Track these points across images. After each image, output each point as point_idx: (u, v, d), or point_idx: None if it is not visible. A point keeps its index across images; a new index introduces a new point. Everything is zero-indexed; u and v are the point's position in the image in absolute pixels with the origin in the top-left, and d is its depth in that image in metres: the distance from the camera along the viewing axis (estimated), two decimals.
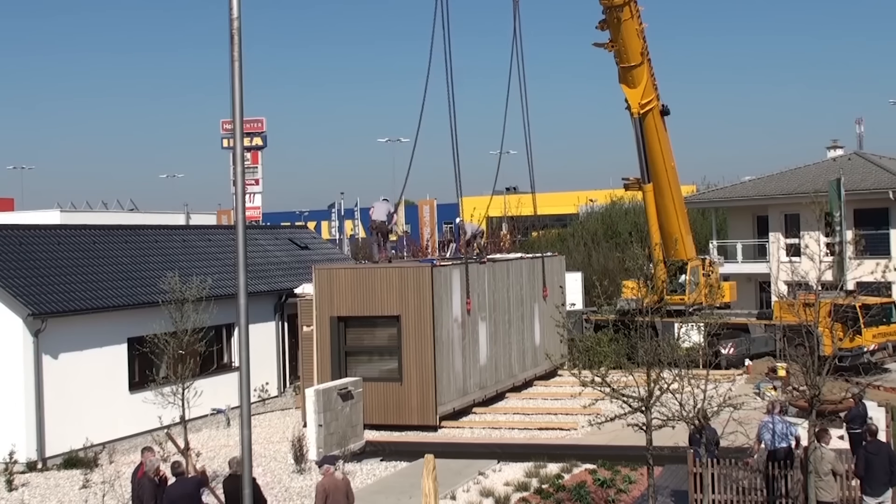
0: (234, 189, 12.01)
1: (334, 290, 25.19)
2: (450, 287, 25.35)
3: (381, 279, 24.92)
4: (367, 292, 24.96)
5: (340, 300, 25.16)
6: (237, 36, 10.83)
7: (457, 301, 25.67)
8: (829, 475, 15.47)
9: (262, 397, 29.95)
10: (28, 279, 23.91)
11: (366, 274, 25.25)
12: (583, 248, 50.32)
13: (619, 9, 30.98)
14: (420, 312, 24.44)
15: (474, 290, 26.81)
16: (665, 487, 18.44)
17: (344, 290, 25.16)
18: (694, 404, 15.62)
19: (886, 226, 40.40)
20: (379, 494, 18.66)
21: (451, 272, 25.58)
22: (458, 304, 25.71)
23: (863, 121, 56.95)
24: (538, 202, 34.30)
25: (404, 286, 24.65)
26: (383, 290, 24.84)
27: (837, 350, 17.97)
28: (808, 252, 17.10)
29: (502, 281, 28.74)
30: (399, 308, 24.63)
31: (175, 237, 31.92)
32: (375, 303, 24.93)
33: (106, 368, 24.77)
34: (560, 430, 24.19)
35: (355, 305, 25.09)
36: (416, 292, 24.50)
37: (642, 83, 32.43)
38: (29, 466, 22.48)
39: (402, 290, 24.64)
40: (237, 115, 10.93)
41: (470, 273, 26.52)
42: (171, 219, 45.74)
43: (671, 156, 34.45)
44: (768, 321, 33.72)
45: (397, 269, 25.16)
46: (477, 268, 27.24)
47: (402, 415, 24.49)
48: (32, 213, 41.45)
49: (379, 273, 25.13)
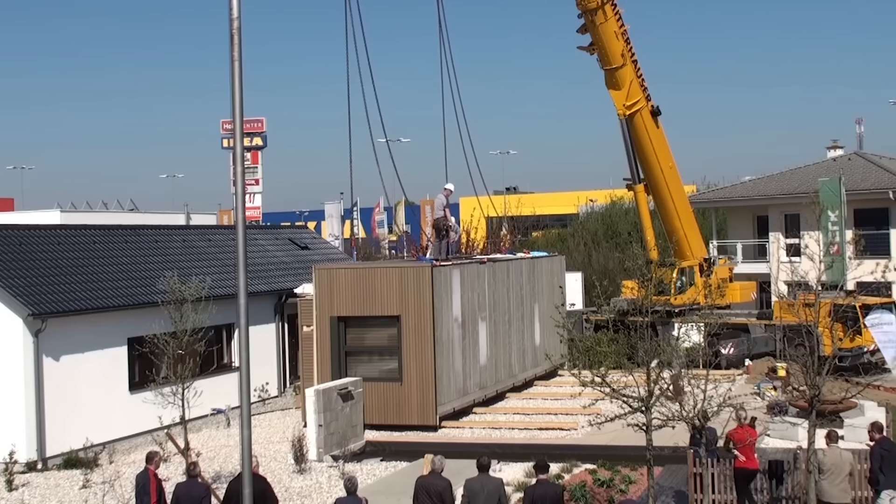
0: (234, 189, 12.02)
1: (334, 290, 25.18)
2: (450, 287, 25.33)
3: (382, 279, 24.90)
4: (368, 292, 24.93)
5: (340, 300, 25.14)
6: (237, 36, 10.83)
7: (457, 301, 25.66)
8: (846, 477, 15.36)
9: (263, 397, 29.95)
10: (28, 279, 23.90)
11: (366, 274, 25.24)
12: (583, 248, 50.34)
13: (593, 12, 31.12)
14: (420, 312, 24.41)
15: (474, 290, 26.78)
16: (665, 488, 18.44)
17: (344, 290, 25.14)
18: (694, 404, 15.62)
19: (886, 226, 40.41)
20: (379, 494, 18.65)
21: (452, 272, 25.57)
22: (458, 303, 25.70)
23: (863, 121, 57.03)
24: (538, 202, 34.32)
25: (404, 286, 24.61)
26: (383, 290, 24.82)
27: (837, 350, 17.97)
28: (808, 252, 17.07)
29: (502, 281, 28.72)
30: (399, 308, 24.60)
31: (175, 237, 31.92)
32: (376, 303, 24.91)
33: (106, 368, 24.77)
34: (560, 430, 24.20)
35: (355, 305, 25.07)
36: (416, 292, 24.47)
37: (626, 85, 32.54)
38: (29, 466, 22.47)
39: (403, 289, 24.61)
40: (237, 116, 10.93)
41: (470, 273, 26.50)
42: (171, 219, 45.70)
43: (668, 155, 34.44)
44: (768, 321, 33.72)
45: (397, 269, 25.15)
46: (477, 268, 27.23)
47: (403, 415, 24.49)
48: (32, 213, 41.43)
49: (379, 273, 25.12)
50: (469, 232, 41.54)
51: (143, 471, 15.18)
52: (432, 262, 25.58)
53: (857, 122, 56.16)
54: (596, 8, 31.01)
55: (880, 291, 32.55)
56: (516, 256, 32.11)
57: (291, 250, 36.22)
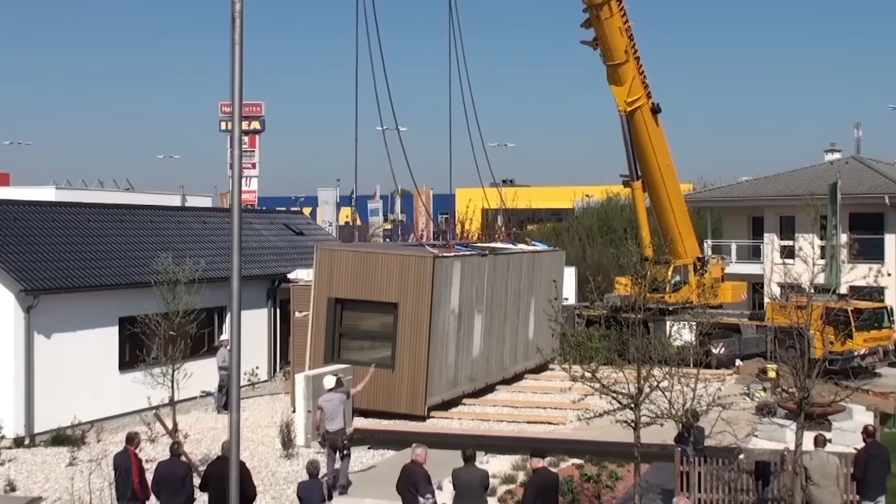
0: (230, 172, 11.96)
1: (334, 271, 24.88)
2: (450, 279, 25.13)
3: (383, 265, 24.57)
4: (368, 277, 24.64)
5: (339, 282, 24.84)
6: (238, 19, 10.77)
7: (455, 293, 25.46)
8: (834, 481, 15.36)
9: (252, 381, 29.95)
10: (21, 255, 23.84)
11: (367, 258, 24.91)
12: (577, 243, 50.31)
13: (598, 7, 31.08)
14: (418, 302, 24.17)
15: (473, 283, 26.53)
16: (652, 485, 18.47)
17: (344, 272, 24.83)
18: (683, 402, 15.65)
19: (881, 230, 40.44)
20: (365, 482, 18.67)
21: (453, 264, 25.33)
22: (456, 296, 25.50)
23: (861, 125, 57.01)
24: (534, 196, 34.28)
25: (405, 274, 24.32)
26: (383, 276, 24.53)
27: (828, 353, 17.99)
28: (802, 254, 17.09)
29: (502, 274, 28.51)
30: (398, 296, 24.32)
31: (170, 218, 31.85)
32: (374, 288, 24.61)
33: (96, 347, 24.74)
34: (549, 423, 24.19)
35: (354, 288, 24.78)
36: (416, 282, 24.20)
37: (628, 81, 32.53)
38: (16, 442, 22.46)
39: (403, 278, 24.32)
40: (236, 99, 10.87)
41: (471, 265, 26.25)
42: (166, 200, 45.60)
43: (666, 154, 34.44)
44: (760, 322, 33.76)
45: (399, 257, 24.75)
46: (478, 260, 26.97)
47: (392, 402, 24.39)
48: (28, 188, 41.26)
49: (381, 259, 24.78)
50: (464, 223, 41.56)
51: (123, 451, 15.16)
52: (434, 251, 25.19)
53: (856, 126, 56.16)
54: (601, 3, 30.97)
55: (872, 296, 32.59)
56: (517, 248, 31.88)
57: (286, 235, 36.19)
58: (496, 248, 30.06)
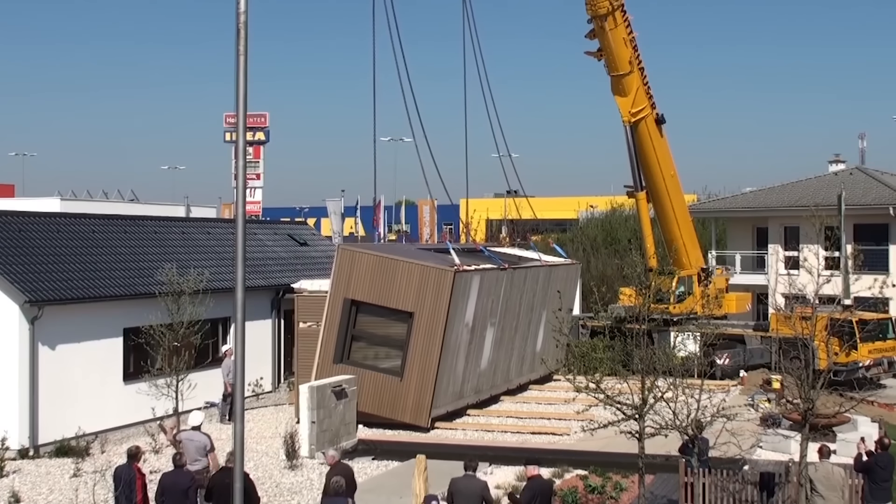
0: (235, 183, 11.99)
1: (353, 273, 24.70)
2: (468, 293, 24.87)
3: (402, 273, 24.33)
4: (386, 282, 24.41)
5: (358, 284, 24.64)
6: (244, 30, 10.81)
7: (472, 307, 25.21)
8: (839, 492, 15.33)
9: (256, 392, 29.94)
10: (26, 266, 23.87)
11: (388, 264, 24.63)
12: (581, 253, 50.31)
13: (603, 18, 31.14)
14: (435, 314, 23.90)
15: (490, 297, 26.26)
16: (657, 496, 18.41)
17: (363, 275, 24.64)
18: (687, 413, 15.62)
19: (886, 241, 40.37)
20: (370, 493, 18.63)
21: (472, 278, 25.02)
22: (472, 309, 25.25)
23: (866, 136, 56.97)
24: (539, 206, 34.31)
25: (424, 284, 24.06)
26: (402, 283, 24.28)
27: (833, 364, 17.96)
28: (807, 265, 17.08)
29: (518, 287, 28.20)
30: (414, 305, 24.09)
31: (174, 229, 31.86)
32: (392, 295, 24.38)
33: (101, 358, 24.73)
34: (553, 434, 24.16)
35: (371, 293, 24.58)
36: (434, 293, 23.92)
37: (632, 91, 32.57)
38: (21, 453, 22.44)
39: (422, 287, 24.06)
40: (241, 110, 10.90)
41: (489, 280, 25.94)
42: (170, 210, 45.64)
43: (670, 164, 34.45)
44: (764, 333, 33.72)
45: (419, 266, 24.38)
46: (497, 274, 26.70)
47: (396, 410, 24.31)
48: (32, 200, 41.35)
49: (401, 266, 24.51)
50: (469, 232, 41.55)
51: (126, 466, 15.15)
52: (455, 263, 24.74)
53: (860, 137, 56.12)
54: (606, 14, 31.04)
55: (877, 307, 32.55)
56: (535, 259, 31.32)
57: (290, 246, 36.20)
58: (516, 260, 29.64)
